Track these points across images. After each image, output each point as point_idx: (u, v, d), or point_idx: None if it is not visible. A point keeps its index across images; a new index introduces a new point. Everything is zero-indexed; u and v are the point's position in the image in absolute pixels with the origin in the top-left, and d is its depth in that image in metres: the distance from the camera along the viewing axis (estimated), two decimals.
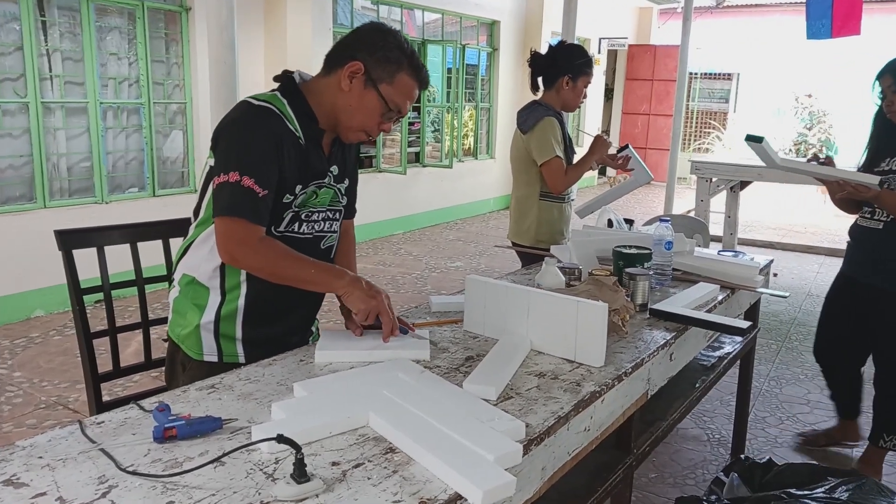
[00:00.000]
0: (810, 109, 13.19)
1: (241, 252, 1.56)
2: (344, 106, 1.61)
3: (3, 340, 4.24)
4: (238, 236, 1.54)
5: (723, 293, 2.25)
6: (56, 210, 4.76)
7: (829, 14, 6.44)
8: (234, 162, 1.53)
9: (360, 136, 1.67)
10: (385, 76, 1.59)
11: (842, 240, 8.31)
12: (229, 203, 1.53)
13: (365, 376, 1.43)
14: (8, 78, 4.54)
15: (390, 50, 1.59)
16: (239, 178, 1.52)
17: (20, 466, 1.07)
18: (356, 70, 1.58)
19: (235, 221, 1.53)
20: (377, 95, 1.60)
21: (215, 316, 1.67)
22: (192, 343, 1.68)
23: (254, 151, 1.54)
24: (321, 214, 1.73)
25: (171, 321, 1.73)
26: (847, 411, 3.06)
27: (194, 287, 1.68)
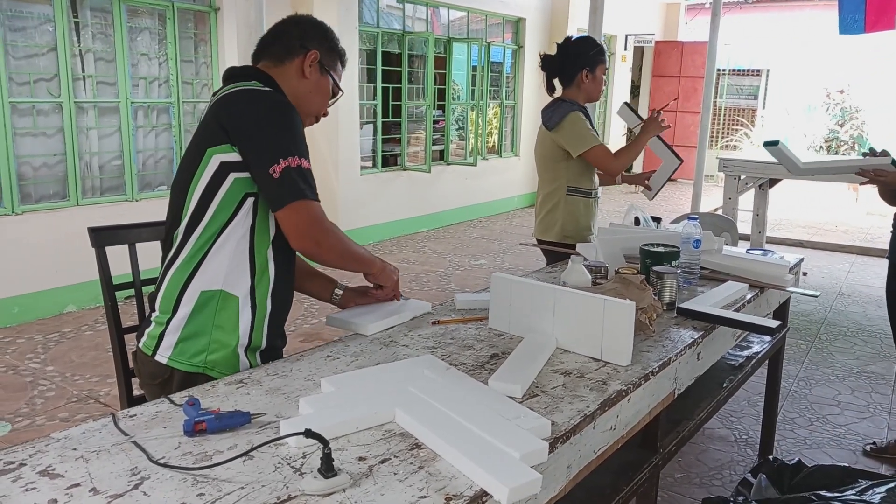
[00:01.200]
0: (842, 105, 12.94)
1: (324, 236, 1.56)
2: (304, 92, 1.69)
3: (36, 335, 4.34)
4: (320, 220, 1.54)
5: (751, 292, 2.22)
6: (88, 208, 4.86)
7: (863, 8, 6.30)
8: (289, 146, 1.51)
9: (312, 121, 1.76)
10: (332, 64, 1.74)
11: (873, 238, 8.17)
12: (304, 186, 1.51)
13: (391, 373, 1.44)
14: (42, 78, 4.64)
15: (333, 41, 1.75)
16: (300, 161, 1.52)
17: (55, 458, 1.10)
18: (315, 58, 1.69)
19: (315, 204, 1.53)
20: (330, 79, 1.73)
21: (250, 329, 1.60)
22: (226, 366, 1.58)
23: (300, 133, 1.57)
24: None
25: (172, 357, 1.57)
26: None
27: (222, 301, 1.57)
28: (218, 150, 1.53)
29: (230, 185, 1.53)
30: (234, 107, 1.55)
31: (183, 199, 1.57)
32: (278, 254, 1.63)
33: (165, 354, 1.58)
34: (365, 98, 7.16)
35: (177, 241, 1.59)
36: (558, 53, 3.01)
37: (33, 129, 4.63)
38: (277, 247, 1.62)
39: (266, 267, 1.61)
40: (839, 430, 3.25)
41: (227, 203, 1.54)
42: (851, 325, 4.89)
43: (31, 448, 1.13)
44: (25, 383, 3.64)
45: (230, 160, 1.52)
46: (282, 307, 1.69)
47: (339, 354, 1.59)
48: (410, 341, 1.69)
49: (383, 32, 7.21)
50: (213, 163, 1.53)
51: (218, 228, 1.55)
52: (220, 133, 1.52)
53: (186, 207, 1.57)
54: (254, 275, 1.59)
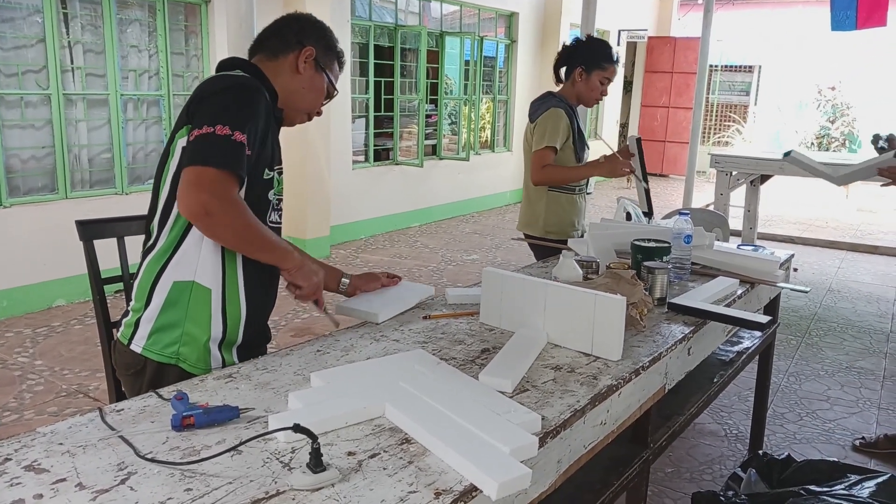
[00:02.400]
0: (833, 102, 13.00)
1: (219, 205, 1.40)
2: (297, 88, 1.68)
3: (25, 329, 4.31)
4: (220, 189, 1.40)
5: (742, 287, 2.23)
6: (77, 201, 4.82)
7: (855, 5, 6.32)
8: (225, 117, 1.43)
9: (304, 118, 1.75)
10: (329, 63, 1.73)
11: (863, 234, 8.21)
12: (216, 153, 1.40)
13: (381, 367, 1.43)
14: (31, 70, 4.60)
15: (330, 39, 1.74)
16: (230, 133, 1.41)
17: (41, 452, 1.09)
18: (310, 54, 1.67)
19: (219, 173, 1.40)
20: (325, 78, 1.72)
21: (223, 323, 1.58)
22: (197, 360, 1.56)
23: (248, 112, 1.48)
24: (282, 204, 1.72)
25: (146, 346, 1.55)
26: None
27: (194, 293, 1.54)
28: (181, 135, 1.50)
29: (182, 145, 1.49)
30: (199, 89, 1.52)
31: (157, 190, 1.56)
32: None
33: (140, 344, 1.56)
34: (357, 92, 7.14)
35: (153, 232, 1.58)
36: (571, 45, 2.99)
37: (21, 121, 4.59)
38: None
39: (235, 258, 1.58)
40: (828, 426, 3.27)
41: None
42: (841, 320, 4.91)
43: (17, 442, 1.12)
44: (14, 377, 3.62)
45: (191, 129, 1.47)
46: (260, 301, 1.65)
47: (329, 349, 1.58)
48: (401, 336, 1.69)
49: (376, 26, 7.18)
50: (178, 148, 1.50)
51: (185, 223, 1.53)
52: (185, 116, 1.50)
53: (160, 197, 1.56)
54: (225, 266, 1.57)
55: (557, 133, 2.85)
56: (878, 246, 7.31)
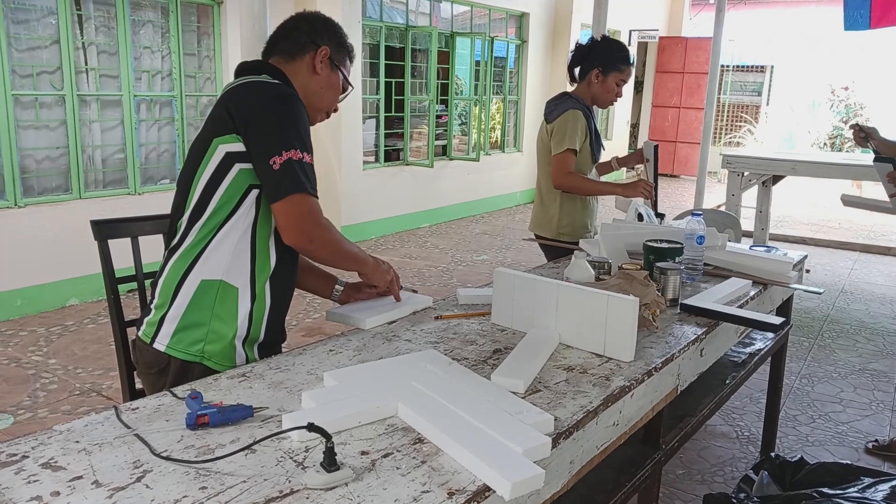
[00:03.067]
0: (847, 102, 12.90)
1: (318, 231, 1.55)
2: (316, 88, 1.71)
3: (38, 328, 4.34)
4: (316, 215, 1.54)
5: (755, 289, 2.22)
6: (91, 201, 4.86)
7: (868, 4, 6.26)
8: (293, 138, 1.51)
9: (323, 117, 1.78)
10: (342, 60, 1.75)
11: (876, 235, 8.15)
12: (303, 180, 1.51)
13: (394, 367, 1.43)
14: (45, 71, 4.64)
15: (342, 36, 1.76)
16: (302, 156, 1.52)
17: (58, 450, 1.10)
18: (326, 54, 1.70)
19: (312, 200, 1.53)
20: (340, 76, 1.74)
21: (248, 321, 1.59)
22: (222, 357, 1.58)
23: (305, 129, 1.57)
24: None
25: (170, 345, 1.57)
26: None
27: (221, 292, 1.57)
28: (224, 140, 1.53)
29: (235, 176, 1.53)
30: (242, 97, 1.55)
31: (188, 189, 1.57)
32: (280, 246, 1.62)
33: (163, 342, 1.57)
34: (368, 93, 7.15)
35: (180, 230, 1.59)
36: (586, 46, 2.98)
37: (36, 121, 4.63)
38: (279, 239, 1.61)
39: (268, 259, 1.61)
40: (841, 428, 3.24)
41: (231, 194, 1.54)
42: (854, 322, 4.88)
43: (34, 440, 1.13)
44: (28, 376, 3.65)
45: (235, 150, 1.53)
46: (281, 300, 1.68)
47: (342, 349, 1.58)
48: (413, 336, 1.69)
49: (387, 26, 7.19)
50: (219, 153, 1.53)
51: (221, 219, 1.55)
52: (228, 123, 1.53)
53: (191, 197, 1.57)
54: (254, 266, 1.59)
55: (577, 135, 2.86)
56: (891, 247, 7.25)
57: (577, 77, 3.00)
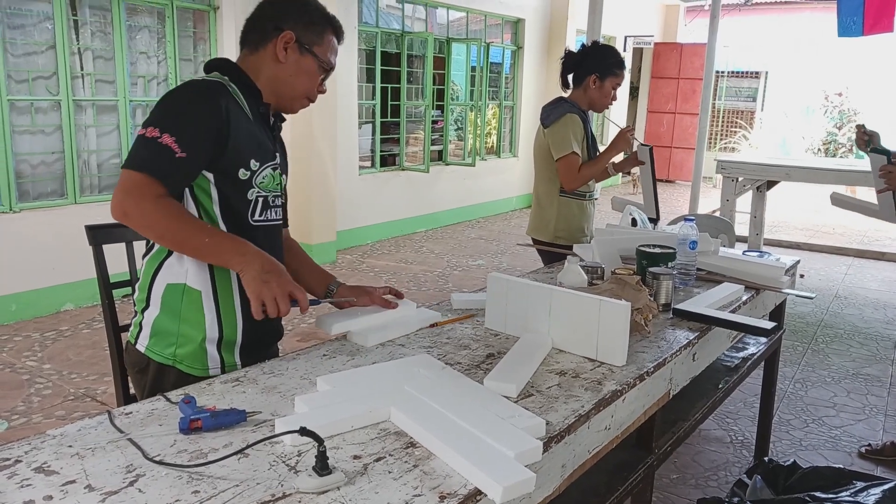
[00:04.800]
0: (840, 108, 12.97)
1: (133, 207, 1.41)
2: (284, 77, 1.62)
3: (33, 333, 4.33)
4: (136, 191, 1.41)
5: (747, 293, 2.23)
6: (86, 206, 4.86)
7: (861, 11, 6.32)
8: (158, 118, 1.45)
9: (304, 103, 1.69)
10: (315, 39, 1.63)
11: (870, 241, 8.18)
12: (139, 156, 1.43)
13: (387, 372, 1.44)
14: (41, 76, 4.64)
15: (313, 13, 1.63)
16: (158, 135, 1.42)
17: (50, 455, 1.10)
18: (288, 39, 1.60)
19: (137, 175, 1.41)
20: (313, 58, 1.63)
21: (217, 323, 1.57)
22: (194, 360, 1.56)
23: (185, 113, 1.47)
24: (279, 200, 1.69)
25: (149, 347, 1.58)
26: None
27: (186, 295, 1.55)
28: None
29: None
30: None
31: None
32: None
33: (143, 344, 1.59)
34: (364, 98, 7.17)
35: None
36: (579, 52, 3.02)
37: (32, 126, 4.63)
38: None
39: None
40: (835, 432, 3.26)
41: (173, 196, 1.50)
42: (848, 327, 4.90)
43: (27, 445, 1.13)
44: (22, 381, 3.64)
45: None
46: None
47: (336, 353, 1.59)
48: (406, 340, 1.70)
49: (382, 32, 7.22)
50: None
51: None
52: None
53: None
54: (212, 268, 1.56)
55: (577, 138, 2.92)
56: (885, 252, 7.29)
57: (571, 83, 3.03)
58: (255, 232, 1.60)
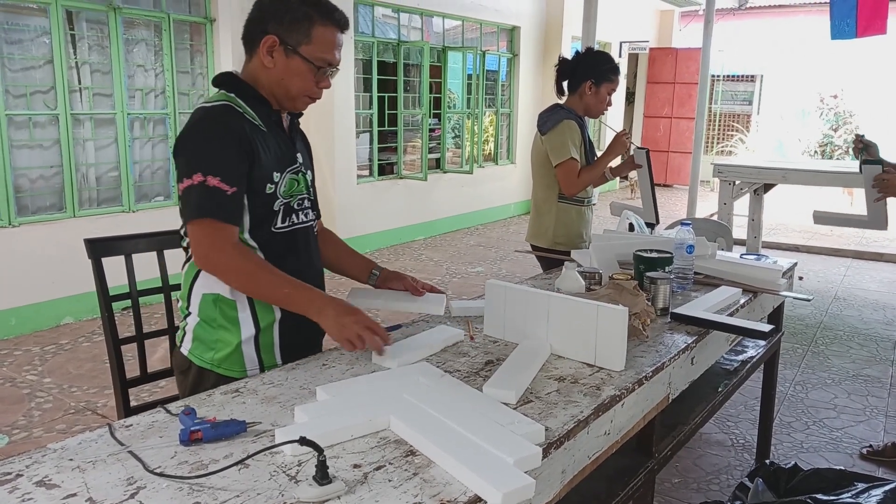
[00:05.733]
0: (836, 110, 13.01)
1: (216, 258, 1.50)
2: (276, 80, 1.60)
3: (33, 347, 4.33)
4: (211, 240, 1.49)
5: (745, 297, 2.23)
6: (85, 219, 4.86)
7: (854, 14, 6.35)
8: (195, 164, 1.50)
9: (306, 101, 1.66)
10: (301, 38, 1.57)
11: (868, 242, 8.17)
12: (196, 205, 1.49)
13: (386, 380, 1.45)
14: (39, 90, 4.66)
15: (295, 10, 1.56)
16: (203, 179, 1.48)
17: (52, 468, 1.11)
18: (272, 44, 1.57)
19: (206, 224, 1.49)
20: (301, 59, 1.58)
21: (254, 327, 1.63)
22: (232, 363, 1.63)
23: (215, 150, 1.51)
24: (306, 202, 1.73)
25: (191, 350, 1.65)
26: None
27: (220, 305, 1.62)
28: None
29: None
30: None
31: None
32: (271, 249, 1.63)
33: (186, 347, 1.67)
34: (361, 107, 7.19)
35: (184, 242, 1.65)
36: (573, 59, 3.04)
37: (30, 141, 4.65)
38: (270, 242, 1.63)
39: None
40: (836, 434, 3.26)
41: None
42: (847, 328, 4.90)
43: (28, 459, 1.13)
44: (23, 395, 3.64)
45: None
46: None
47: (335, 363, 1.59)
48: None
49: (379, 42, 7.24)
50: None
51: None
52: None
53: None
54: None
55: (575, 144, 2.94)
56: (883, 253, 7.30)
57: (567, 90, 3.05)
58: (281, 238, 1.66)
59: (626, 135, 3.02)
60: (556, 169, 2.95)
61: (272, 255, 1.63)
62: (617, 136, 3.01)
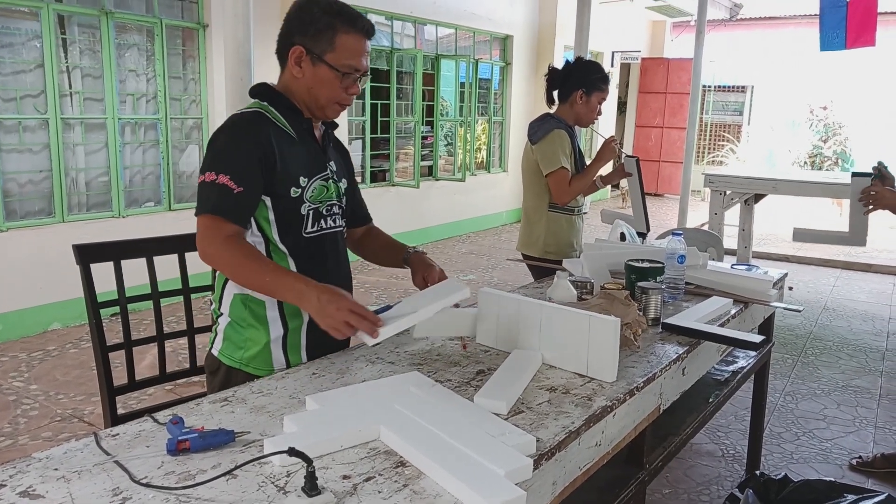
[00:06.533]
0: (825, 122, 13.11)
1: (209, 249, 1.55)
2: (306, 89, 1.66)
3: (20, 353, 4.29)
4: (208, 233, 1.55)
5: (736, 307, 2.24)
6: (74, 224, 4.83)
7: (843, 25, 6.42)
8: (211, 162, 1.57)
9: (336, 108, 1.71)
10: (326, 47, 1.62)
11: (857, 253, 8.21)
12: (203, 199, 1.56)
13: (376, 390, 1.43)
14: (29, 94, 4.63)
15: (318, 20, 1.61)
16: (215, 177, 1.55)
17: (36, 478, 1.09)
18: (299, 54, 1.64)
19: (206, 218, 1.55)
20: (328, 68, 1.63)
21: (283, 327, 1.67)
22: (261, 362, 1.67)
23: (230, 151, 1.58)
24: (336, 208, 1.79)
25: (221, 350, 1.70)
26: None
27: (249, 304, 1.67)
28: None
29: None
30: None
31: None
32: (296, 249, 1.68)
33: (217, 348, 1.72)
34: (353, 114, 7.19)
35: None
36: (563, 69, 3.05)
37: (19, 145, 4.61)
38: (297, 242, 1.67)
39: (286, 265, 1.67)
40: (825, 445, 3.26)
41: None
42: (837, 339, 4.92)
43: (12, 468, 1.12)
44: (9, 402, 3.60)
45: None
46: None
47: (325, 372, 1.58)
48: (396, 358, 1.69)
49: (372, 49, 7.24)
50: None
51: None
52: None
53: None
54: None
55: (565, 153, 2.95)
56: (872, 264, 7.35)
57: (557, 99, 3.06)
58: (310, 243, 1.71)
59: (614, 141, 3.04)
60: (547, 178, 2.95)
61: (303, 260, 1.69)
62: (606, 143, 3.03)
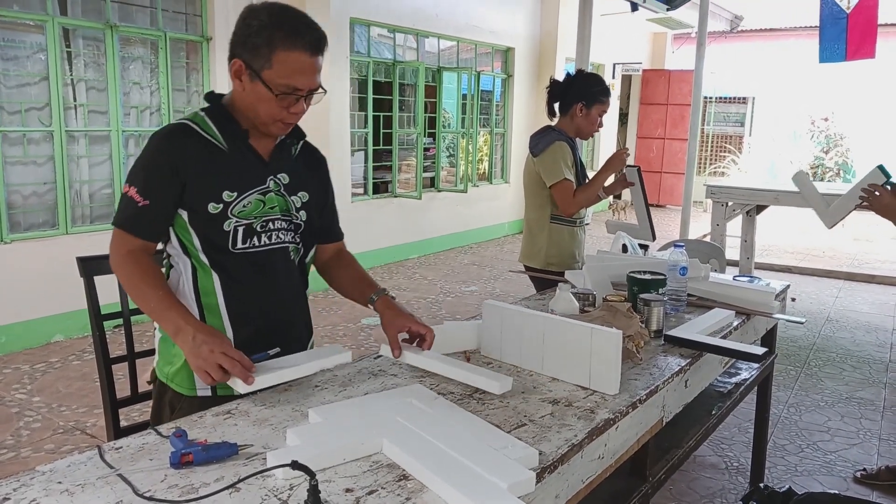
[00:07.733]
0: (827, 133, 13.14)
1: (112, 262, 1.58)
2: (247, 104, 1.57)
3: (23, 365, 4.29)
4: (112, 246, 1.57)
5: (738, 319, 2.24)
6: (78, 236, 4.84)
7: (844, 37, 6.45)
8: (129, 175, 1.59)
9: (279, 126, 1.59)
10: (263, 63, 1.50)
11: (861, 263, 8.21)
12: (117, 212, 1.58)
13: (379, 403, 1.44)
14: (34, 107, 4.66)
15: (258, 34, 1.49)
16: (127, 189, 1.56)
17: (40, 492, 1.09)
18: (238, 68, 1.54)
19: (114, 231, 1.58)
20: (262, 85, 1.51)
21: None
22: (182, 379, 1.61)
23: (144, 163, 1.57)
24: (279, 223, 1.66)
25: (157, 363, 1.69)
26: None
27: None
28: None
29: None
30: None
31: None
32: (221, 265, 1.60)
33: (155, 360, 1.71)
34: (356, 126, 7.22)
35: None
36: (564, 81, 3.06)
37: (24, 157, 4.64)
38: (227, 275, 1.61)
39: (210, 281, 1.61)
40: (829, 457, 3.25)
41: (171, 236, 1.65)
42: (840, 350, 4.91)
43: (16, 482, 1.12)
44: (11, 414, 3.60)
45: None
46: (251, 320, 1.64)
47: (328, 384, 1.58)
48: (399, 370, 1.69)
49: (374, 62, 7.29)
50: None
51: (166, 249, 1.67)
52: None
53: None
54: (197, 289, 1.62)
55: (567, 165, 2.96)
56: (875, 275, 7.34)
57: (558, 111, 3.08)
58: (241, 259, 1.62)
59: (626, 152, 3.06)
60: (551, 190, 2.96)
61: (231, 277, 1.61)
62: (617, 153, 3.05)
